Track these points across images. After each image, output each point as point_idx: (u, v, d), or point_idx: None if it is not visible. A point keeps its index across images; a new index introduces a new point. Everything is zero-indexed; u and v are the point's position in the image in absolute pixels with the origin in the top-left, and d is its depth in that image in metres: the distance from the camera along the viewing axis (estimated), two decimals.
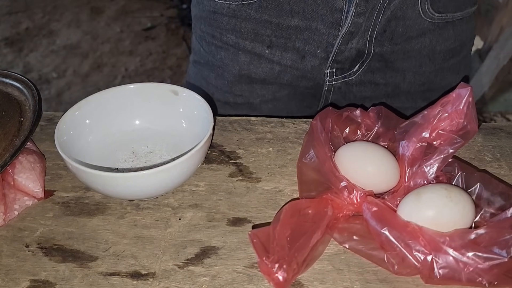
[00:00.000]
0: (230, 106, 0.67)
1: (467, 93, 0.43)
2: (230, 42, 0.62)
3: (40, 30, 2.45)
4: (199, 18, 0.65)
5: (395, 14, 0.55)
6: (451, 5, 0.58)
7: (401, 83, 0.62)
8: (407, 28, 0.57)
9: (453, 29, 0.60)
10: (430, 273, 0.37)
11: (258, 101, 0.66)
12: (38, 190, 0.47)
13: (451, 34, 0.61)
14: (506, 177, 0.48)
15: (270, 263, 0.36)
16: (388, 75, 0.61)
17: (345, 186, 0.42)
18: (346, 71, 0.61)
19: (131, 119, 0.53)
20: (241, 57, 0.62)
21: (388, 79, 0.62)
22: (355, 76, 0.61)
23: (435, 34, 0.59)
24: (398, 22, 0.56)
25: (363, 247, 0.40)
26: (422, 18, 0.57)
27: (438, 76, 0.63)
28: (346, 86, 0.62)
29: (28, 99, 0.51)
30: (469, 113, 0.43)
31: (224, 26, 0.61)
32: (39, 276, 0.40)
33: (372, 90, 0.63)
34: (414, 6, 0.55)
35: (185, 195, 0.47)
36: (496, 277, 0.36)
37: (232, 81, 0.65)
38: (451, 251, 0.36)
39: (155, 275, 0.40)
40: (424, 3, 0.55)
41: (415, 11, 0.56)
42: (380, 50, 0.59)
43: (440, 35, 0.60)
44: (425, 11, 0.56)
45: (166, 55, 2.31)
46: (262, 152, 0.52)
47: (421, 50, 0.60)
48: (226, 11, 0.59)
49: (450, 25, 0.60)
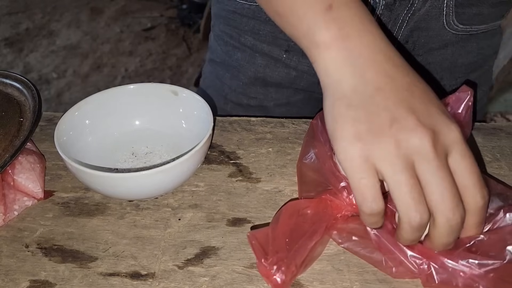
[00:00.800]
0: (243, 107, 0.66)
1: (468, 97, 0.43)
2: (248, 43, 0.61)
3: (40, 31, 2.45)
4: (218, 17, 0.64)
5: (418, 25, 0.54)
6: (477, 18, 0.56)
7: None
8: (430, 39, 0.56)
9: (477, 42, 0.59)
10: (428, 278, 0.37)
11: (272, 105, 0.65)
12: (38, 191, 0.47)
13: (474, 47, 0.59)
14: (506, 177, 0.48)
15: (268, 265, 0.36)
16: None
17: (345, 186, 0.42)
18: None
19: (130, 120, 0.53)
20: (257, 60, 0.61)
21: None
22: None
23: (458, 46, 0.58)
24: (421, 33, 0.55)
25: (361, 249, 0.40)
26: (446, 30, 0.55)
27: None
28: None
29: (28, 99, 0.51)
30: (466, 117, 0.43)
31: (242, 27, 0.60)
32: (38, 276, 0.40)
33: None
34: (439, 18, 0.54)
35: (184, 195, 0.47)
36: (493, 282, 0.36)
37: (247, 83, 0.64)
38: (446, 257, 0.36)
39: (155, 275, 0.40)
40: (449, 15, 0.54)
41: (439, 23, 0.54)
42: None
43: (463, 47, 0.58)
44: (449, 23, 0.54)
45: (166, 55, 2.31)
46: (262, 153, 0.52)
47: (442, 63, 0.59)
48: (246, 12, 0.59)
49: (474, 38, 0.58)
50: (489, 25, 0.58)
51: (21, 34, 2.41)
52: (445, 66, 0.59)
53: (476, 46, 0.59)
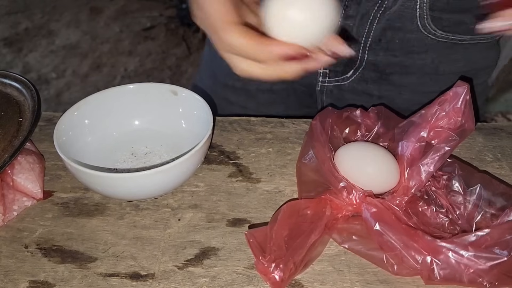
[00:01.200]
0: (229, 89, 0.67)
1: (464, 91, 0.43)
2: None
3: (39, 30, 2.45)
4: None
5: (391, 24, 0.54)
6: (461, 27, 0.55)
7: (396, 99, 0.60)
8: (408, 42, 0.55)
9: (464, 52, 0.57)
10: (430, 274, 0.37)
11: (254, 88, 0.66)
12: (37, 191, 0.47)
13: (460, 57, 0.58)
14: (507, 177, 0.48)
15: (266, 263, 0.36)
16: (383, 88, 0.60)
17: (344, 186, 0.42)
18: (339, 74, 0.60)
19: (130, 120, 0.53)
20: None
21: (382, 91, 0.60)
22: (348, 82, 0.60)
23: (440, 53, 0.57)
24: (396, 33, 0.55)
25: (363, 248, 0.40)
26: (423, 33, 0.55)
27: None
28: (339, 91, 0.61)
29: (27, 99, 0.51)
30: (466, 111, 0.43)
31: None
32: (38, 277, 0.40)
33: (365, 100, 0.61)
34: (413, 19, 0.53)
35: (184, 195, 0.47)
36: (496, 277, 0.36)
37: None
38: (450, 252, 0.36)
39: (155, 276, 0.40)
40: (424, 18, 0.53)
41: (414, 25, 0.54)
42: (374, 59, 0.57)
43: (446, 55, 0.57)
44: (425, 26, 0.54)
45: (166, 55, 2.31)
46: (262, 153, 0.52)
47: (422, 68, 0.58)
48: None
49: (460, 48, 0.57)
50: (477, 37, 0.56)
51: (20, 34, 2.40)
52: (427, 72, 0.58)
53: (462, 56, 0.58)
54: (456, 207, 0.43)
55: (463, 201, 0.43)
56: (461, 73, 0.59)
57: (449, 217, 0.42)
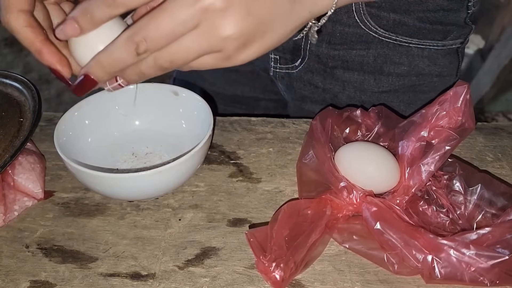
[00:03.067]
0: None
1: (464, 90, 0.43)
2: None
3: None
4: None
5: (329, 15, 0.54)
6: (402, 28, 0.54)
7: (340, 94, 0.60)
8: (347, 36, 0.55)
9: (410, 56, 0.56)
10: (431, 273, 0.37)
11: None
12: (38, 191, 0.47)
13: (405, 60, 0.56)
14: (507, 177, 0.48)
15: (267, 262, 0.36)
16: (328, 81, 0.59)
17: (345, 186, 0.42)
18: (289, 62, 0.60)
19: (131, 120, 0.53)
20: None
21: (327, 85, 0.60)
22: (297, 71, 0.61)
23: (382, 52, 0.56)
24: (335, 25, 0.54)
25: (363, 247, 0.40)
26: (363, 29, 0.54)
27: (381, 100, 0.59)
28: (288, 79, 0.62)
29: (28, 99, 0.51)
30: (466, 110, 0.43)
31: None
32: (39, 277, 0.40)
33: (311, 91, 0.61)
34: (349, 13, 0.53)
35: (185, 195, 0.47)
36: (497, 276, 0.36)
37: None
38: (451, 250, 0.36)
39: (155, 276, 0.40)
40: (361, 13, 0.53)
41: (351, 19, 0.53)
42: (317, 51, 0.57)
43: (390, 56, 0.56)
44: (363, 22, 0.53)
45: None
46: (263, 153, 0.52)
47: (364, 65, 0.57)
48: None
49: (405, 50, 0.56)
50: (422, 41, 0.55)
51: None
52: (370, 71, 0.57)
53: (406, 60, 0.56)
54: (457, 207, 0.43)
55: (464, 201, 0.43)
56: (406, 77, 0.57)
57: (449, 216, 0.42)
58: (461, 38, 0.58)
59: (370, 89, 0.59)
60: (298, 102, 0.64)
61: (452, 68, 0.60)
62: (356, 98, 0.60)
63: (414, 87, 0.59)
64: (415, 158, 0.44)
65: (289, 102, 0.66)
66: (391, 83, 0.58)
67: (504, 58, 1.59)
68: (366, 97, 0.59)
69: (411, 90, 0.59)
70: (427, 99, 0.58)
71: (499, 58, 1.62)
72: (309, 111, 0.63)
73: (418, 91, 0.59)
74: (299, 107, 0.64)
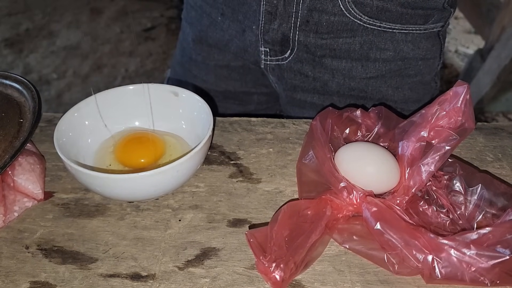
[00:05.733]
0: (192, 62, 0.71)
1: (464, 90, 0.43)
2: (198, 3, 0.66)
3: (40, 31, 2.45)
4: None
5: (314, 5, 0.55)
6: (385, 14, 0.55)
7: (329, 82, 0.61)
8: (333, 25, 0.56)
9: (392, 41, 0.57)
10: (431, 273, 0.37)
11: (212, 64, 0.69)
12: (38, 192, 0.47)
13: (390, 46, 0.58)
14: (507, 177, 0.48)
15: (267, 263, 0.36)
16: (317, 70, 0.61)
17: (345, 186, 0.42)
18: (279, 54, 0.61)
19: (131, 120, 0.53)
20: (203, 20, 0.66)
21: (316, 73, 0.61)
22: (286, 62, 0.62)
23: (368, 39, 0.57)
24: (321, 14, 0.56)
25: (363, 247, 0.40)
26: (348, 17, 0.55)
27: (370, 86, 0.61)
28: (279, 70, 0.63)
29: (28, 100, 0.51)
30: (466, 110, 0.43)
31: None
32: (39, 277, 0.40)
33: (302, 80, 0.63)
34: (334, 2, 0.54)
35: (185, 196, 0.47)
36: (498, 276, 0.36)
37: (195, 39, 0.69)
38: (452, 250, 0.36)
39: (155, 276, 0.40)
40: (345, 1, 0.54)
41: (336, 7, 0.55)
42: (305, 41, 0.59)
43: (375, 43, 0.57)
44: (348, 10, 0.54)
45: (166, 55, 2.31)
46: (263, 153, 0.52)
47: (350, 53, 0.58)
48: None
49: (389, 36, 0.57)
50: (405, 26, 0.57)
51: (21, 34, 2.40)
52: (357, 58, 0.59)
53: (391, 46, 0.58)
54: (457, 207, 0.43)
55: (464, 201, 0.43)
56: (392, 62, 0.59)
57: (450, 217, 0.42)
58: (441, 21, 0.60)
59: (358, 76, 0.60)
60: (290, 92, 0.65)
61: (435, 50, 0.61)
62: (345, 85, 0.61)
63: (400, 71, 0.60)
64: (415, 158, 0.44)
65: (281, 93, 0.68)
66: (378, 68, 0.60)
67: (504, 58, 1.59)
68: (355, 83, 0.61)
69: (398, 74, 0.60)
70: (414, 83, 0.62)
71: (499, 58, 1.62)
72: (301, 100, 0.64)
73: (405, 75, 0.61)
74: (290, 97, 0.66)
